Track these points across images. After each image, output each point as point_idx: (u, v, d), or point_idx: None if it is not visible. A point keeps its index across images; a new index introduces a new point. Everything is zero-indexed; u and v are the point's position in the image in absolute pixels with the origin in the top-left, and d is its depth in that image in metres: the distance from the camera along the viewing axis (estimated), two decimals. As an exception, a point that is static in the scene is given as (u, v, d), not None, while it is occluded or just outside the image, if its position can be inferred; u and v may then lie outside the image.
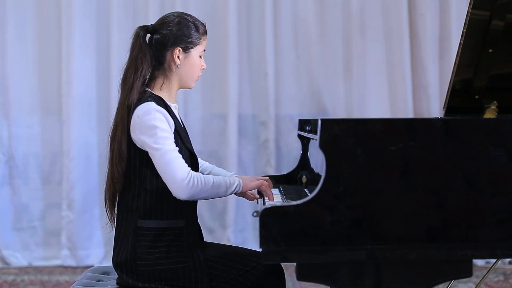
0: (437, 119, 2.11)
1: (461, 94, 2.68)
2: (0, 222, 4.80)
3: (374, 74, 4.82)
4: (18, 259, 4.79)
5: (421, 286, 2.06)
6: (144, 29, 2.42)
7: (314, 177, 2.59)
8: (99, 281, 2.56)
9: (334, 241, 2.00)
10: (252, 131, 4.88)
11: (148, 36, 2.43)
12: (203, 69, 2.49)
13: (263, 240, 1.99)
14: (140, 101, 2.34)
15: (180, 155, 2.31)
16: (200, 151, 4.58)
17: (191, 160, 2.40)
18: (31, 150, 4.84)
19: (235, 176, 2.47)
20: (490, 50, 2.58)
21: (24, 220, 4.84)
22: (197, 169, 2.46)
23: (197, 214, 2.46)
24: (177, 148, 2.32)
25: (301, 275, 2.04)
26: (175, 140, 2.33)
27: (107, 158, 2.41)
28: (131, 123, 2.33)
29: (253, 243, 4.67)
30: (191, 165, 2.35)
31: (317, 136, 2.03)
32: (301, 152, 3.00)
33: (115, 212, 2.43)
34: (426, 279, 2.06)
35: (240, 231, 4.83)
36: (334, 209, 2.00)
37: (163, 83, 2.43)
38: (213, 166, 2.71)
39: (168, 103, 2.40)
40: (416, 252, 2.02)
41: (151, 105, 2.32)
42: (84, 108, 4.79)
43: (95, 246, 4.80)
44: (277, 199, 2.56)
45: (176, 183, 2.27)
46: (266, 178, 2.56)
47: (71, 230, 4.75)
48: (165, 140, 2.30)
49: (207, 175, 2.36)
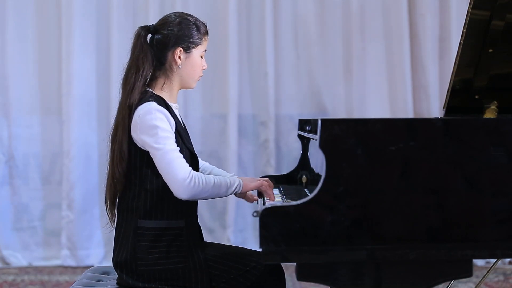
0: (437, 119, 2.11)
1: (461, 94, 2.68)
2: (0, 222, 4.79)
3: (374, 74, 4.82)
4: (18, 259, 4.79)
5: (421, 286, 2.06)
6: (145, 29, 2.42)
7: (314, 177, 2.59)
8: (99, 281, 2.56)
9: (334, 241, 2.00)
10: (252, 131, 4.88)
11: (149, 36, 2.43)
12: (204, 69, 2.49)
13: (263, 240, 1.99)
14: (141, 101, 2.34)
15: (181, 155, 2.31)
16: (200, 151, 4.58)
17: (192, 160, 2.40)
18: (31, 150, 4.84)
19: (235, 177, 2.47)
20: (490, 50, 2.58)
21: (24, 220, 4.84)
22: (198, 170, 2.46)
23: (197, 214, 2.47)
24: (178, 148, 2.32)
25: (301, 275, 2.04)
26: (176, 140, 2.33)
27: (108, 158, 2.41)
28: (132, 123, 2.33)
29: (253, 243, 4.66)
30: (192, 165, 2.35)
31: (317, 136, 2.03)
32: (301, 152, 3.00)
33: (115, 212, 2.43)
34: (426, 279, 2.06)
35: (240, 231, 4.83)
36: (334, 209, 2.00)
37: (164, 83, 2.43)
38: (213, 167, 2.71)
39: (169, 103, 2.40)
40: (416, 252, 2.02)
41: (152, 105, 2.32)
42: (84, 108, 4.78)
43: (95, 246, 4.80)
44: (277, 199, 2.56)
45: (177, 183, 2.27)
46: (266, 179, 2.56)
47: (71, 230, 4.75)
48: (166, 140, 2.30)
49: (208, 175, 2.36)
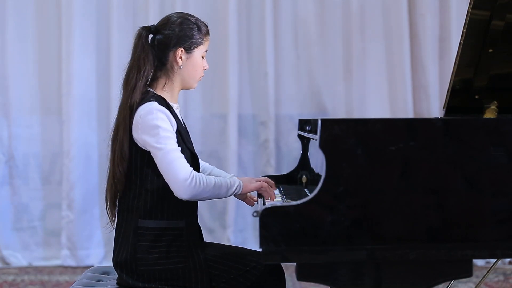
0: (437, 119, 2.11)
1: (461, 94, 2.68)
2: (0, 222, 4.79)
3: (374, 74, 4.82)
4: (18, 259, 4.79)
5: (421, 286, 2.06)
6: (147, 30, 2.42)
7: (314, 177, 2.59)
8: (99, 281, 2.56)
9: (334, 241, 2.00)
10: (252, 131, 4.87)
11: (151, 37, 2.43)
12: (205, 70, 2.49)
13: (263, 240, 1.99)
14: (143, 101, 2.34)
15: (182, 155, 2.31)
16: (200, 151, 4.57)
17: (192, 161, 2.40)
18: (31, 150, 4.84)
19: (235, 178, 2.47)
20: (490, 50, 2.58)
21: (24, 220, 4.84)
22: (199, 170, 2.46)
23: (197, 214, 2.47)
24: (179, 148, 2.32)
25: (301, 275, 2.04)
26: (177, 140, 2.33)
27: (108, 158, 2.41)
28: (133, 123, 2.33)
29: (253, 243, 4.66)
30: (192, 166, 2.35)
31: (317, 136, 2.03)
32: (301, 152, 3.00)
33: (116, 212, 2.43)
34: (426, 279, 2.06)
35: (240, 231, 4.83)
36: (334, 209, 2.00)
37: (165, 84, 2.43)
38: (213, 167, 2.71)
39: (170, 104, 2.40)
40: (416, 252, 2.02)
41: (154, 105, 2.32)
42: (84, 108, 4.78)
43: (95, 246, 4.80)
44: (277, 199, 2.56)
45: (178, 183, 2.27)
46: (266, 179, 2.56)
47: (71, 230, 4.75)
48: (168, 140, 2.29)
49: (209, 176, 2.36)
